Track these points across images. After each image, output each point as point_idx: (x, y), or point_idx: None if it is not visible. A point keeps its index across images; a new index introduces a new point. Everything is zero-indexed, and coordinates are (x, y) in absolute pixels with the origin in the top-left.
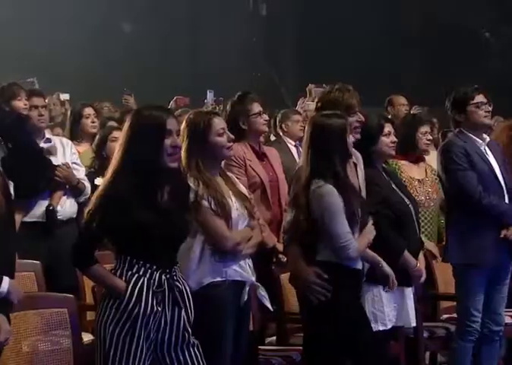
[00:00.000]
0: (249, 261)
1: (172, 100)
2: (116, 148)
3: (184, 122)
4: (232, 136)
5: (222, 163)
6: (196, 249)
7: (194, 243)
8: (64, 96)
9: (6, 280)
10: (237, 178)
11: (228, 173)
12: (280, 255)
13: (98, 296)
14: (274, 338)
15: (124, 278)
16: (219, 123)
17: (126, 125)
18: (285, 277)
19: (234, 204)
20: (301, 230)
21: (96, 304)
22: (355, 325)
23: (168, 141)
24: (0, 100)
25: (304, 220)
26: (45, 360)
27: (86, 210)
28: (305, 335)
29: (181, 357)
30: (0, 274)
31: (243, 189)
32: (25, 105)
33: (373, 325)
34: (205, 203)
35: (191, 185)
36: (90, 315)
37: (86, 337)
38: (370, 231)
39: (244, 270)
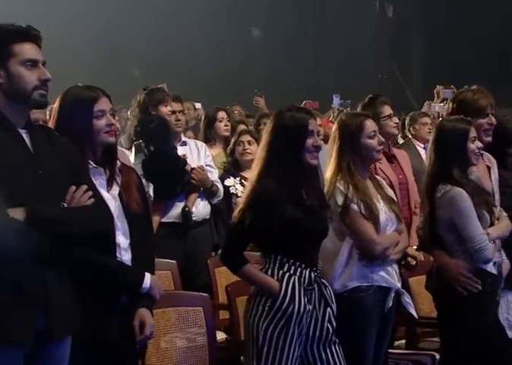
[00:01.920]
0: (396, 267)
1: (302, 104)
2: (259, 149)
3: (335, 123)
4: (383, 139)
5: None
6: (344, 253)
7: (342, 246)
8: (197, 106)
9: (148, 276)
10: None
11: (376, 176)
12: (409, 258)
13: (232, 295)
14: (402, 341)
15: (275, 277)
16: (371, 125)
17: (269, 126)
18: (414, 280)
19: (382, 208)
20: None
21: (229, 303)
22: (493, 331)
23: (310, 141)
24: (148, 104)
25: (430, 226)
26: (182, 357)
27: (237, 209)
28: (443, 336)
29: (323, 354)
30: (142, 271)
31: (391, 193)
32: (169, 112)
33: (508, 333)
34: (354, 206)
35: (341, 188)
36: (223, 314)
37: (220, 335)
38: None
39: (390, 276)
